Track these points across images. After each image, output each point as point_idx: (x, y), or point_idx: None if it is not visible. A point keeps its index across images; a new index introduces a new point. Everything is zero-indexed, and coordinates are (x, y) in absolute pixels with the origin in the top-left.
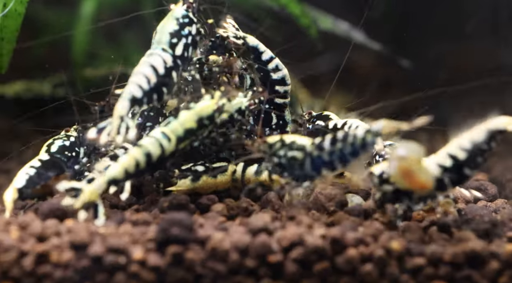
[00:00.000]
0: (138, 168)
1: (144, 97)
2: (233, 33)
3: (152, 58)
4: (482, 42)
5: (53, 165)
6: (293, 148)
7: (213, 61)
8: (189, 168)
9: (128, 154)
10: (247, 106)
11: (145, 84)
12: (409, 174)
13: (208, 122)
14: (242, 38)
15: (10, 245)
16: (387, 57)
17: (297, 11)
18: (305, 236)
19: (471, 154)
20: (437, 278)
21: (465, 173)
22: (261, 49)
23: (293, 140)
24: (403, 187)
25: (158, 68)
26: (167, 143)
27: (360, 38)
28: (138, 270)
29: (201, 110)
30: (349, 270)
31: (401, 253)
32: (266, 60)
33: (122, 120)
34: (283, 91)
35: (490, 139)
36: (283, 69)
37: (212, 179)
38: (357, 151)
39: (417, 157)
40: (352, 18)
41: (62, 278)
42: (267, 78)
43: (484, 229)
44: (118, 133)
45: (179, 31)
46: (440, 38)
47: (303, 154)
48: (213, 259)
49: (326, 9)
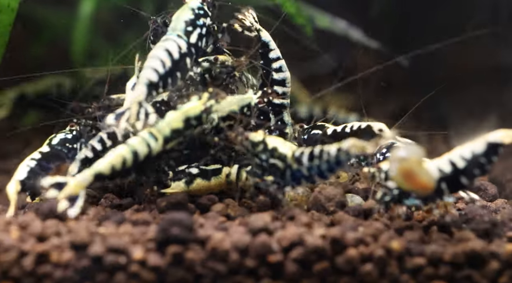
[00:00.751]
0: (124, 165)
1: (160, 81)
2: (249, 24)
3: (167, 43)
4: (482, 42)
5: (54, 156)
6: (274, 156)
7: (222, 61)
8: (183, 170)
9: (115, 151)
10: (256, 103)
11: (160, 68)
12: (410, 175)
13: (195, 123)
14: (257, 31)
15: (10, 245)
16: (387, 56)
17: (292, 10)
18: (305, 236)
19: (470, 164)
20: (437, 278)
21: (462, 181)
22: (271, 46)
23: (275, 146)
24: (405, 188)
25: (173, 52)
26: (154, 142)
27: (358, 36)
28: (138, 270)
29: (188, 111)
30: (349, 270)
31: (401, 253)
32: (273, 59)
33: (141, 106)
34: (282, 92)
35: (489, 151)
36: (286, 72)
37: (206, 182)
38: (333, 168)
39: (418, 158)
40: (352, 18)
41: (62, 278)
42: (268, 77)
43: (484, 229)
44: (138, 119)
45: (194, 20)
46: (440, 38)
47: (283, 165)
48: (213, 259)
49: (326, 8)
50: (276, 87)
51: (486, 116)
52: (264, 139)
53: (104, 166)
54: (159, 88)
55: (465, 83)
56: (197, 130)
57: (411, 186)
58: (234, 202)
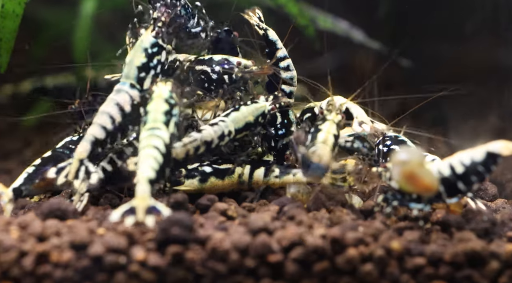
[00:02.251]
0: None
1: (108, 137)
2: (256, 22)
3: (119, 96)
4: (482, 42)
5: (53, 159)
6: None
7: (244, 66)
8: (196, 168)
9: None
10: (269, 110)
11: (109, 125)
12: (413, 178)
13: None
14: (264, 30)
15: (10, 245)
16: (387, 56)
17: (295, 10)
18: (305, 236)
19: (468, 170)
20: (437, 278)
21: (459, 187)
22: (278, 45)
23: None
24: (409, 191)
25: (124, 106)
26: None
27: (359, 37)
28: (138, 270)
29: (260, 108)
30: (349, 270)
31: (401, 253)
32: (280, 57)
33: (82, 164)
34: (289, 91)
35: (488, 160)
36: (293, 71)
37: (220, 181)
38: None
39: (419, 160)
40: (353, 18)
41: (62, 278)
42: (276, 76)
43: (484, 229)
44: (76, 177)
45: (147, 64)
46: (441, 38)
47: None
48: (213, 259)
49: (327, 8)
50: (284, 86)
51: (486, 116)
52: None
53: (181, 150)
54: (106, 144)
55: (465, 83)
56: (258, 130)
57: (415, 189)
58: (234, 202)
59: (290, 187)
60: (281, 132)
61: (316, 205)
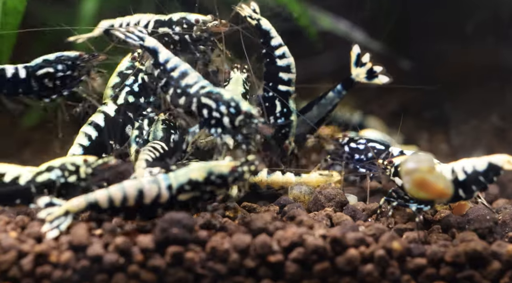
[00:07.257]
0: (124, 203)
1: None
2: (248, 13)
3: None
4: (482, 42)
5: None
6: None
7: (203, 22)
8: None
9: (120, 185)
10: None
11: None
12: (425, 184)
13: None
14: (257, 20)
15: (9, 245)
16: (387, 56)
17: (297, 10)
18: (305, 236)
19: (469, 178)
20: (438, 278)
21: (459, 193)
22: (272, 34)
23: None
24: (423, 198)
25: (99, 123)
26: (166, 188)
27: (360, 37)
28: (138, 270)
29: (215, 166)
30: (350, 270)
31: (402, 253)
32: (275, 46)
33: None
34: (287, 78)
35: (490, 171)
36: (290, 57)
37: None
38: None
39: (428, 165)
40: (352, 18)
41: (61, 278)
42: (273, 64)
43: (486, 229)
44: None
45: (120, 84)
46: (441, 38)
47: None
48: (213, 259)
49: (327, 8)
50: (281, 73)
51: (487, 115)
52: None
53: (102, 197)
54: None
55: (466, 83)
56: (220, 192)
57: (430, 195)
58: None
59: (292, 188)
60: (281, 121)
61: (316, 206)
